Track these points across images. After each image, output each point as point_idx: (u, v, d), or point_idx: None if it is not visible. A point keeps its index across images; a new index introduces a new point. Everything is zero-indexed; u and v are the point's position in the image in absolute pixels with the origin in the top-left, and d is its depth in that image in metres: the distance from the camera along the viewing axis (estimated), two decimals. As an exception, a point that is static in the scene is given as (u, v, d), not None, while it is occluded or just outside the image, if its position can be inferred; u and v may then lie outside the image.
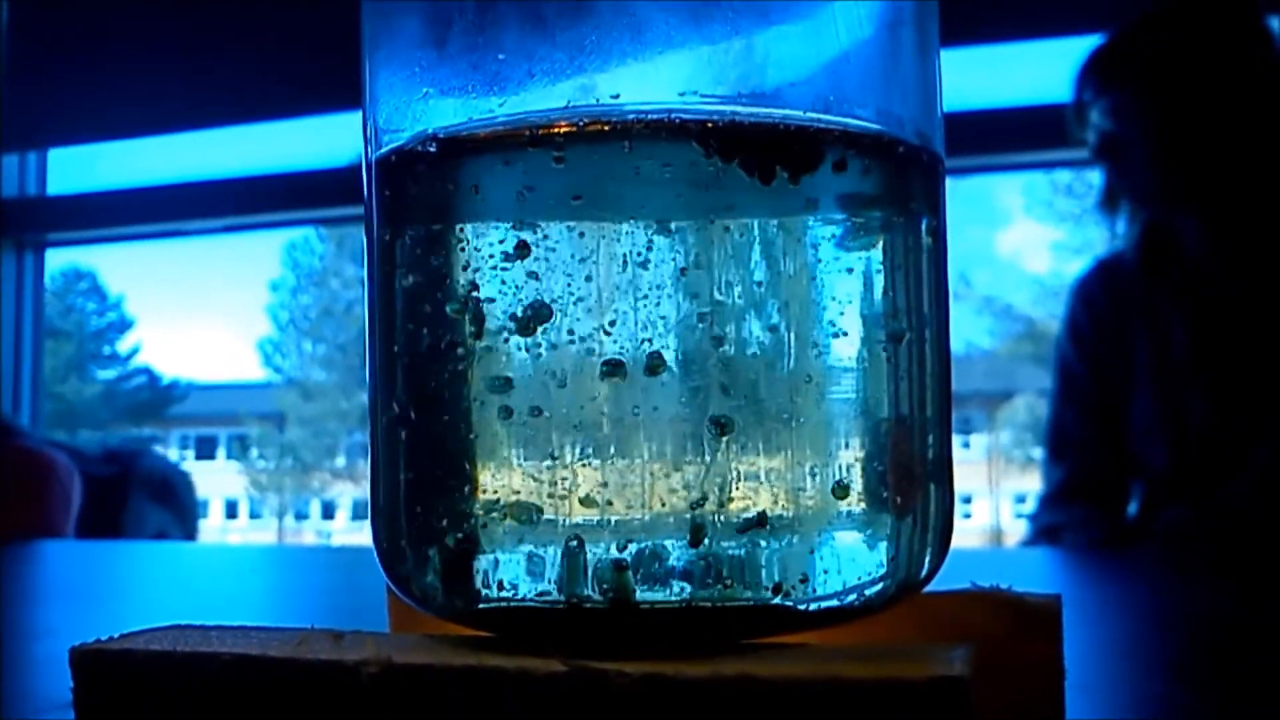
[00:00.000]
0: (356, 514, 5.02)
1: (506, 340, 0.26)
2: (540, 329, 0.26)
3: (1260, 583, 0.77)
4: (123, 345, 4.75)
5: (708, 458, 0.25)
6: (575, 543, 0.25)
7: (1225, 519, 1.28)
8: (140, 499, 2.28)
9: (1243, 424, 1.31)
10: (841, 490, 0.26)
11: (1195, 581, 0.82)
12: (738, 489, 0.25)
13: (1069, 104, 1.39)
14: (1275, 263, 1.32)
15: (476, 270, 0.26)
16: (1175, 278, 1.36)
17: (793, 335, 0.26)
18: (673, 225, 0.26)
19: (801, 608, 0.26)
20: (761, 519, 0.25)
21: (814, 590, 0.26)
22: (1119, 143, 1.34)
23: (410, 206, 0.28)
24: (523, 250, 0.26)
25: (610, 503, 0.25)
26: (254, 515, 5.24)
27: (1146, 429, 1.37)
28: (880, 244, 0.27)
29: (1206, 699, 0.38)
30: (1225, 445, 1.31)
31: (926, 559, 0.28)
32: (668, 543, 0.25)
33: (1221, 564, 0.97)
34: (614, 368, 0.25)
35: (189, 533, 2.46)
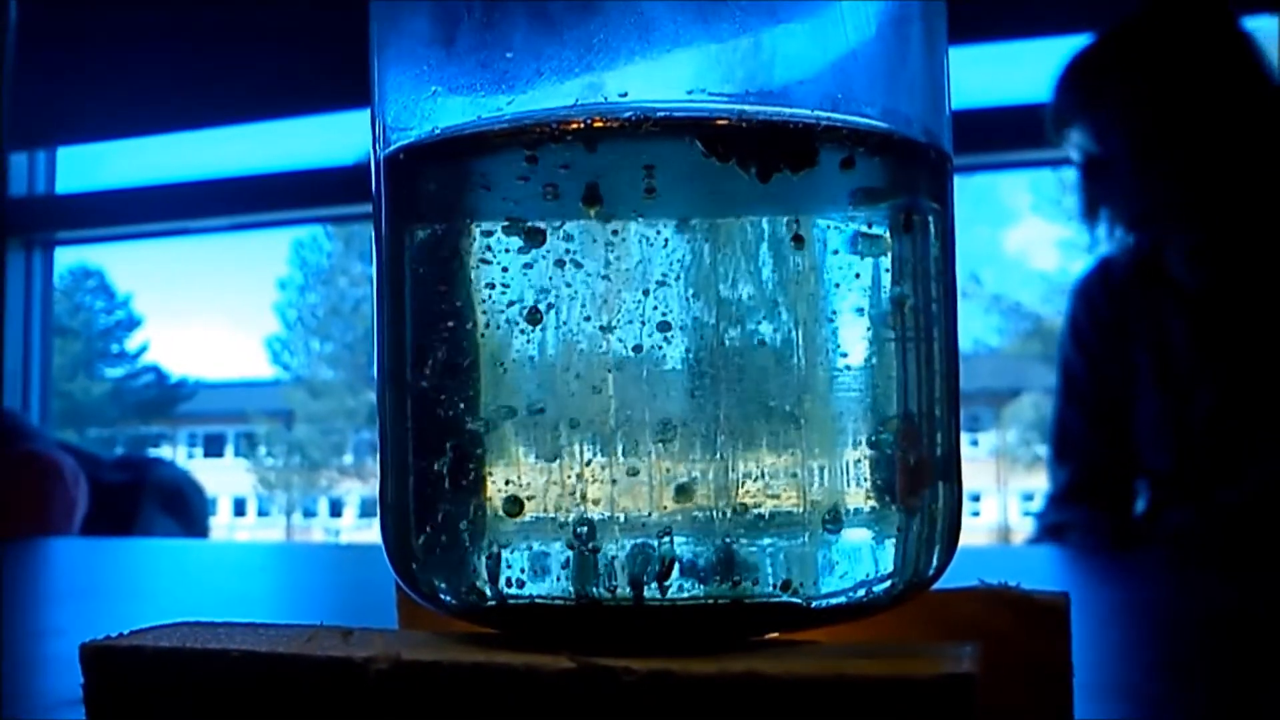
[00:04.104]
0: (364, 511, 5.03)
1: (514, 337, 0.26)
2: (548, 326, 0.26)
3: (1267, 583, 0.77)
4: (131, 343, 4.76)
5: (716, 455, 0.25)
6: (583, 540, 0.25)
7: (1230, 520, 1.27)
8: (152, 508, 2.28)
9: (1246, 423, 1.30)
10: (850, 487, 0.26)
11: (1203, 581, 0.81)
12: (746, 486, 0.25)
13: (1048, 109, 1.38)
14: (1268, 274, 1.31)
15: (484, 268, 0.26)
16: (1171, 288, 1.36)
17: (801, 333, 0.26)
18: (680, 222, 0.26)
19: (809, 605, 0.26)
20: (770, 516, 0.25)
21: (822, 587, 0.26)
22: (1104, 164, 1.34)
23: (418, 204, 0.28)
24: (530, 248, 0.26)
25: (618, 500, 0.25)
26: (262, 513, 5.25)
27: (1150, 429, 1.37)
28: (888, 242, 0.27)
29: (1215, 699, 0.38)
30: (1229, 445, 1.31)
31: (934, 557, 0.28)
32: (676, 540, 0.25)
33: (1228, 565, 0.97)
34: (622, 365, 0.25)
35: None
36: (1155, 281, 1.37)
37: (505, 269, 0.26)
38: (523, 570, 0.26)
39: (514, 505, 0.26)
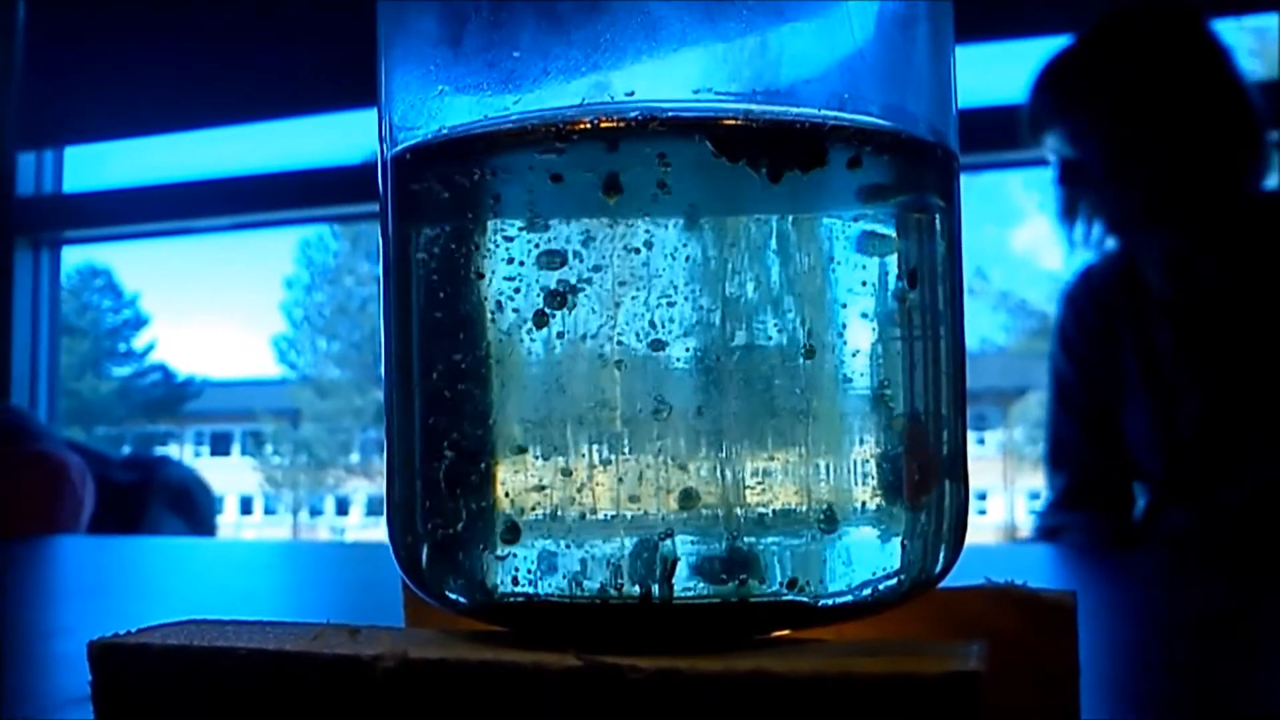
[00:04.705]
0: (371, 510, 5.04)
1: (521, 336, 0.26)
2: (555, 325, 0.26)
3: (1267, 583, 0.77)
4: (138, 342, 4.77)
5: (724, 453, 0.25)
6: (590, 538, 0.25)
7: (1230, 521, 1.27)
8: (160, 507, 2.28)
9: (1236, 425, 1.30)
10: (856, 486, 0.26)
11: (1204, 581, 0.81)
12: (753, 485, 0.25)
13: (1024, 113, 1.39)
14: (1244, 278, 1.31)
15: (491, 267, 0.26)
16: (1154, 294, 1.36)
17: (808, 332, 0.26)
18: (687, 222, 0.26)
19: (816, 603, 0.26)
20: (776, 515, 0.25)
21: (828, 586, 0.26)
22: (1082, 169, 1.34)
23: (425, 204, 0.28)
24: (537, 247, 0.26)
25: (625, 499, 0.25)
26: (269, 511, 5.26)
27: (1141, 433, 1.37)
28: (895, 240, 0.27)
29: (1216, 699, 0.38)
30: (1220, 447, 1.31)
31: (941, 555, 0.28)
32: (683, 538, 0.25)
33: (1229, 565, 0.97)
34: (630, 363, 0.25)
35: None
36: (1138, 286, 1.37)
37: (512, 269, 0.26)
38: (530, 569, 0.26)
39: (521, 504, 0.26)
